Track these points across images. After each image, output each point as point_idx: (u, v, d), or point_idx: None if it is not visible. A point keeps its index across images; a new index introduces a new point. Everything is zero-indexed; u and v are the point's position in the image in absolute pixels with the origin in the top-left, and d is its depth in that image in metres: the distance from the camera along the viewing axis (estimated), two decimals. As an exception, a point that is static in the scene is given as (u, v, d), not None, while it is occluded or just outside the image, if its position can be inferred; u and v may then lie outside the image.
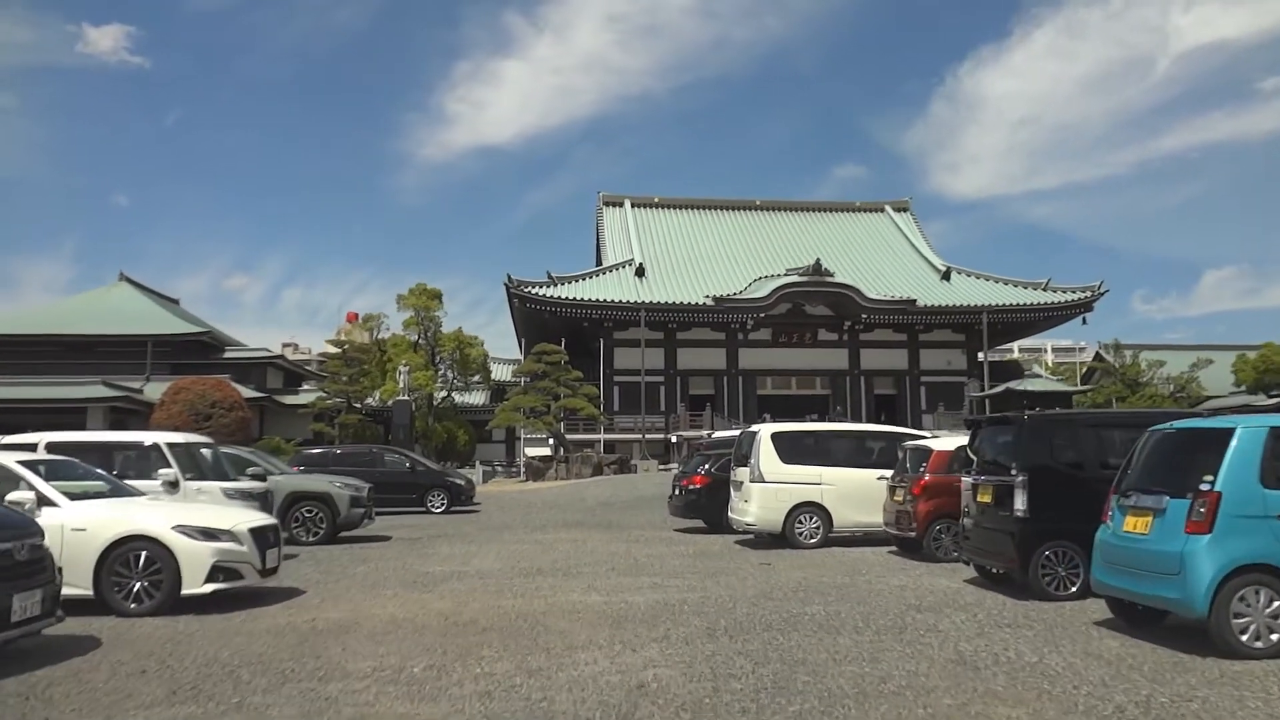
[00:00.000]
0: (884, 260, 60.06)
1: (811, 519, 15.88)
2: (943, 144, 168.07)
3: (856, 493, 15.92)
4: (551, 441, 51.24)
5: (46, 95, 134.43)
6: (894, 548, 15.37)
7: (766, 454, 16.05)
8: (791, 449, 16.29)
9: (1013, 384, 51.60)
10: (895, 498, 14.57)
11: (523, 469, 44.23)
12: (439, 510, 25.26)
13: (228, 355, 54.62)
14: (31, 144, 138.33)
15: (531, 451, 50.28)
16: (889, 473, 15.82)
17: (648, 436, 50.24)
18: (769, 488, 15.90)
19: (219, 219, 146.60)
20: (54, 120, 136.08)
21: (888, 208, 66.25)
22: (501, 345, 62.68)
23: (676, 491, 19.79)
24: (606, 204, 64.46)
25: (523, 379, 44.48)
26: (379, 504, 25.43)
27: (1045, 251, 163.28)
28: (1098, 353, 62.26)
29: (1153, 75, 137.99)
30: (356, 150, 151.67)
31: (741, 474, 16.56)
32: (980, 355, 57.54)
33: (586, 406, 41.51)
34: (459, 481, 25.78)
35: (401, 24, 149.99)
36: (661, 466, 47.51)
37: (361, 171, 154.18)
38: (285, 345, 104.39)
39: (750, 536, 17.34)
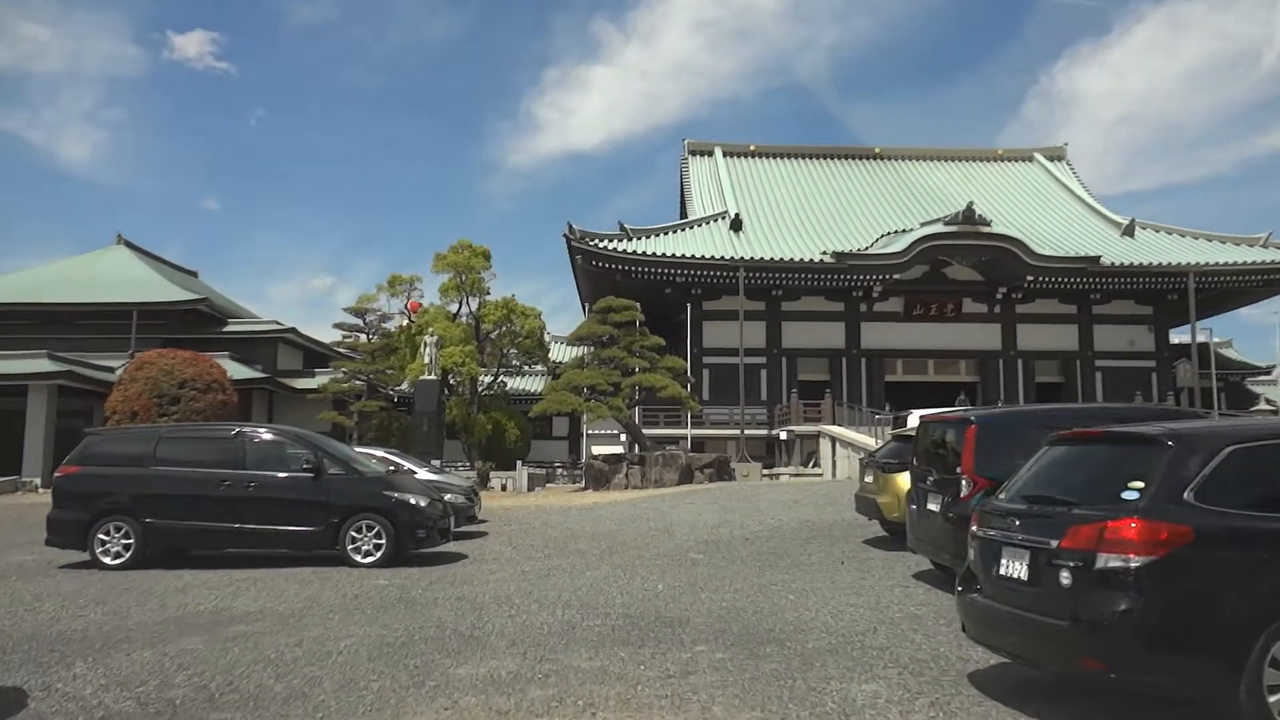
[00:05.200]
0: (1041, 214, 44.75)
1: None
2: (1037, 144, 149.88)
3: None
4: (623, 437, 37.27)
5: (149, 107, 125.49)
6: None
7: None
8: None
9: None
10: None
11: (583, 473, 30.41)
12: (369, 561, 11.38)
13: (229, 329, 41.82)
14: (139, 154, 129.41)
15: (599, 450, 36.36)
16: None
17: (747, 432, 35.93)
18: None
19: (310, 224, 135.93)
20: (157, 130, 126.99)
21: (1038, 155, 50.80)
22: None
23: (1053, 568, 5.24)
24: (693, 153, 50.17)
25: (582, 349, 30.42)
26: (233, 544, 11.70)
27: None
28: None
29: (1259, 70, 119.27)
30: (447, 158, 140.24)
31: None
32: (1171, 333, 42.19)
33: (670, 385, 27.36)
34: (415, 501, 11.73)
35: (493, 33, 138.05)
36: (766, 471, 33.33)
37: (451, 178, 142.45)
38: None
39: None
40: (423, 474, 17.39)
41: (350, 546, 11.42)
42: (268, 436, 12.14)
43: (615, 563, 11.72)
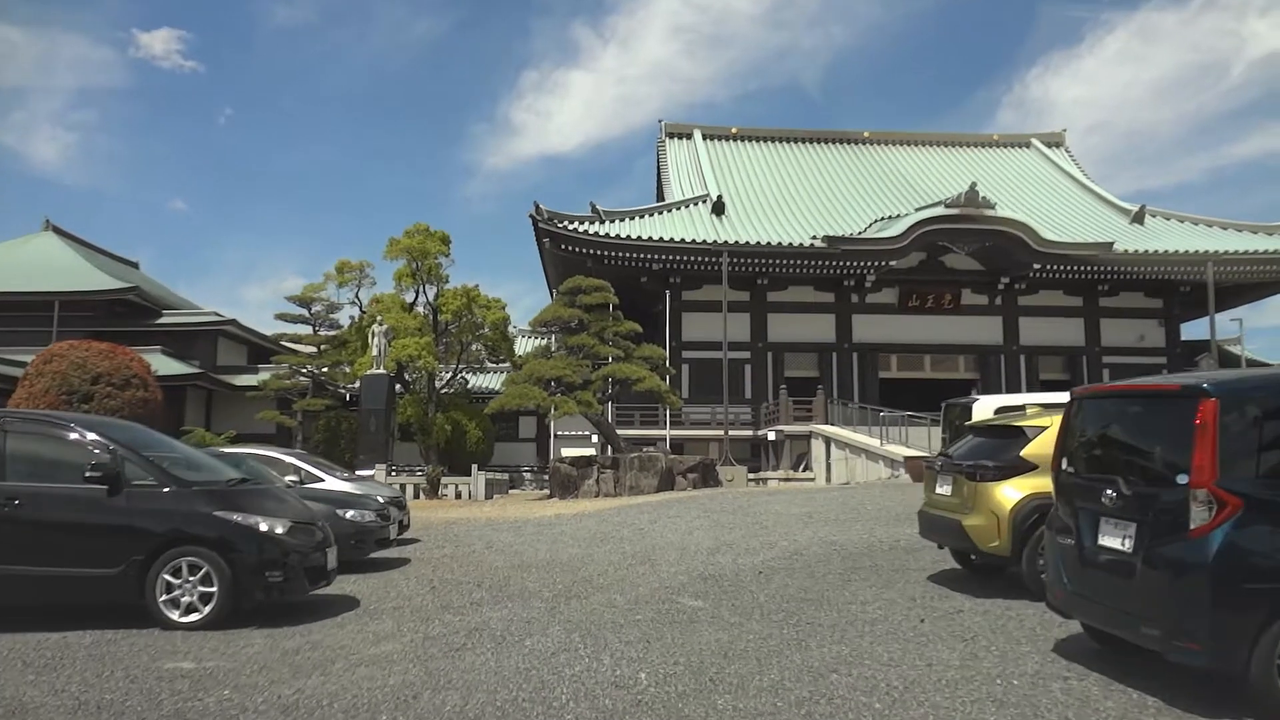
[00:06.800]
0: (1043, 200, 41.05)
1: None
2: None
3: None
4: (596, 438, 33.21)
5: (118, 108, 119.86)
6: None
7: None
8: None
9: None
10: None
11: (549, 479, 26.27)
12: (192, 619, 7.24)
13: (163, 321, 37.29)
14: (111, 158, 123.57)
15: (570, 452, 32.20)
16: None
17: (731, 433, 31.95)
18: None
19: (288, 229, 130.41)
20: (129, 133, 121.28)
21: (1035, 141, 47.06)
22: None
23: None
24: (670, 135, 46.06)
25: (547, 336, 26.20)
26: None
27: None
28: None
29: (1227, 80, 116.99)
30: (424, 161, 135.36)
31: None
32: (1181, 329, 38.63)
33: (647, 377, 23.27)
34: (267, 528, 7.54)
35: (471, 37, 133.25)
36: (751, 475, 29.44)
37: (428, 182, 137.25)
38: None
39: None
40: (332, 483, 13.21)
41: (164, 598, 7.22)
42: (40, 427, 7.89)
43: (572, 618, 7.59)
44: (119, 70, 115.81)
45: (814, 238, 34.52)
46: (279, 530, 7.57)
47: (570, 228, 33.21)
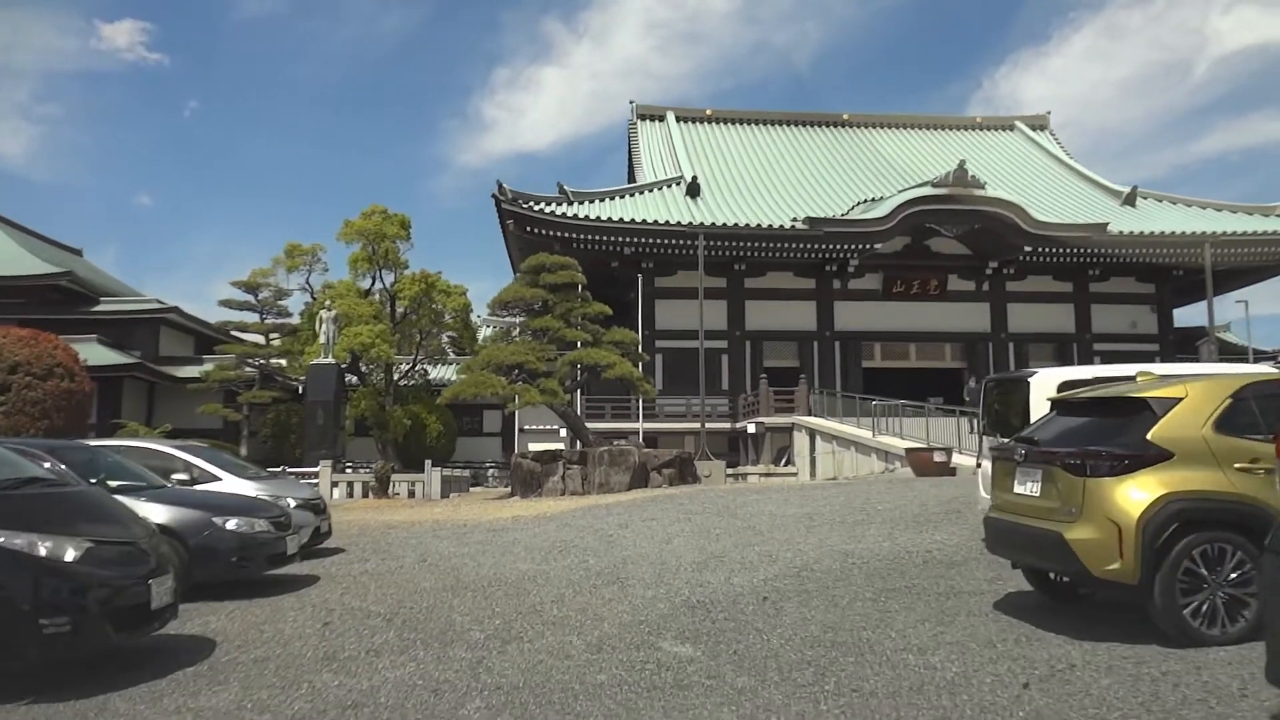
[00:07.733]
0: (1030, 183, 38.93)
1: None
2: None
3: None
4: (564, 432, 30.68)
5: (86, 101, 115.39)
6: None
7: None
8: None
9: None
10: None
11: (510, 475, 23.75)
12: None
13: (100, 309, 34.27)
14: (76, 150, 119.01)
15: (536, 447, 29.66)
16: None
17: (708, 426, 29.60)
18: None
19: (258, 224, 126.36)
20: (95, 127, 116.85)
21: (1019, 124, 44.92)
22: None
23: None
24: (642, 117, 43.52)
25: (511, 318, 23.55)
26: None
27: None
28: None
29: (1191, 78, 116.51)
30: (395, 156, 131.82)
31: None
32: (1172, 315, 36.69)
33: (619, 363, 20.80)
34: (57, 555, 4.90)
35: (443, 32, 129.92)
36: (730, 470, 27.23)
37: (402, 178, 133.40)
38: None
39: None
40: (231, 483, 10.67)
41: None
42: None
43: (505, 679, 5.10)
44: (81, 62, 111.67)
45: (794, 220, 32.19)
46: (69, 555, 5.03)
47: (536, 208, 30.66)
